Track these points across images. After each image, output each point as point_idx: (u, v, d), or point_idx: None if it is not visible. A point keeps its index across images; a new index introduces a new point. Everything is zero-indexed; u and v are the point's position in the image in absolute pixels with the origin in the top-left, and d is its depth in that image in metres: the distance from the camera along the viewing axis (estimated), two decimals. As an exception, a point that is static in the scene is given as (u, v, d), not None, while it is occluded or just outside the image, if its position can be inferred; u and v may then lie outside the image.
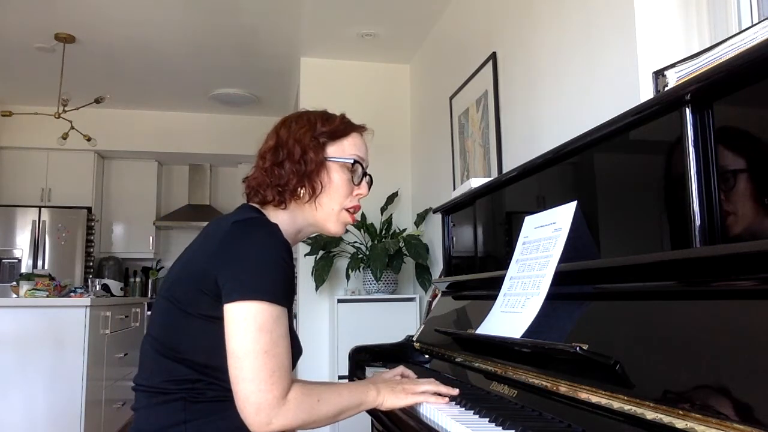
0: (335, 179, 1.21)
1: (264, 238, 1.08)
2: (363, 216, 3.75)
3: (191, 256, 1.14)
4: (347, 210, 1.24)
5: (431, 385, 1.20)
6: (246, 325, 1.01)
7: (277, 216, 1.19)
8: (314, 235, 1.29)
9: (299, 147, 1.19)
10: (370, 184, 1.28)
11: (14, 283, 3.63)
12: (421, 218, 3.67)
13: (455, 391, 1.19)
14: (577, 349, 0.91)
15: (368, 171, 1.27)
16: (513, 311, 1.19)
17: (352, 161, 1.23)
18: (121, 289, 5.09)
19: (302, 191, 1.19)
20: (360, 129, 1.28)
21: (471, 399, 1.15)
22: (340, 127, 1.24)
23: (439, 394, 1.18)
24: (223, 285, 1.04)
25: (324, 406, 1.07)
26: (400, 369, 1.39)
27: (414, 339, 1.76)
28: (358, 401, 1.14)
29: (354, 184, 1.24)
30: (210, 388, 1.07)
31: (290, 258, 1.11)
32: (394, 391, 1.17)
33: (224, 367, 1.03)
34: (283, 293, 1.05)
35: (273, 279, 1.04)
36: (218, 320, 1.04)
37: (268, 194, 1.19)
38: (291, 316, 1.11)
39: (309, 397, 1.06)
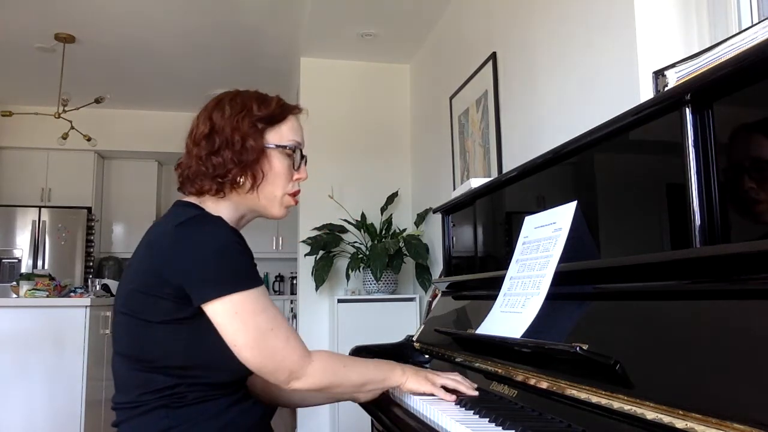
0: (276, 166, 1.17)
1: (213, 231, 1.07)
2: (363, 216, 3.75)
3: (139, 265, 1.10)
4: (289, 194, 1.21)
5: (453, 381, 1.20)
6: (241, 318, 1.03)
7: (218, 206, 1.15)
8: (257, 218, 1.27)
9: (238, 135, 1.13)
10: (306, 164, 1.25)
11: (14, 283, 3.63)
12: (421, 218, 3.67)
13: (474, 392, 1.18)
14: (577, 349, 0.91)
15: (305, 153, 1.24)
16: (513, 311, 1.19)
17: (292, 146, 1.19)
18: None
19: (242, 180, 1.15)
20: (296, 110, 1.24)
21: (471, 399, 1.15)
22: (277, 111, 1.20)
23: (458, 391, 1.19)
24: (193, 288, 1.03)
25: (350, 371, 1.13)
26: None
27: (414, 339, 1.76)
28: (383, 376, 1.18)
29: (294, 169, 1.21)
30: (191, 390, 1.06)
31: (243, 241, 1.11)
32: (417, 375, 1.20)
33: (204, 364, 1.05)
34: (253, 275, 1.07)
35: (240, 266, 1.06)
36: (185, 320, 1.04)
37: (205, 184, 1.14)
38: None
39: (335, 360, 1.13)
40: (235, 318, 1.03)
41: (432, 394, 1.18)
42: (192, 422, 1.05)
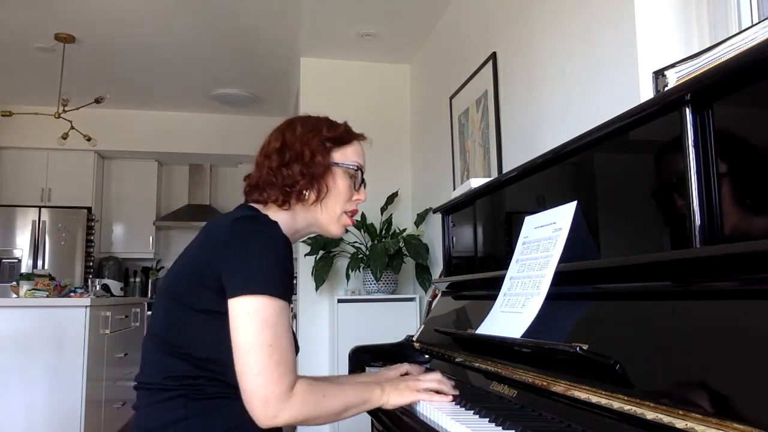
0: (339, 184, 1.25)
1: (266, 234, 1.10)
2: (363, 216, 3.75)
3: (192, 254, 1.16)
4: (347, 213, 1.28)
5: (434, 382, 1.22)
6: (251, 320, 1.03)
7: (277, 216, 1.20)
8: (312, 235, 1.32)
9: (308, 149, 1.22)
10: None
11: (14, 283, 3.63)
12: (421, 218, 3.67)
13: (455, 391, 1.20)
14: (577, 349, 0.91)
15: (365, 177, 1.33)
16: (513, 311, 1.19)
17: (355, 167, 1.28)
18: (121, 289, 5.09)
19: (308, 193, 1.22)
20: (360, 137, 1.33)
21: (471, 399, 1.15)
22: (344, 134, 1.29)
23: (443, 392, 1.20)
24: (227, 281, 1.06)
25: (329, 402, 1.09)
26: (405, 367, 1.40)
27: (414, 339, 1.76)
28: (362, 399, 1.16)
29: (354, 189, 1.28)
30: (211, 384, 1.09)
31: (291, 254, 1.13)
32: (398, 389, 1.19)
33: (227, 361, 1.05)
34: (285, 288, 1.07)
35: (276, 274, 1.07)
36: (220, 314, 1.06)
37: (272, 194, 1.21)
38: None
39: (315, 392, 1.08)
40: (245, 318, 1.03)
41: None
42: (208, 416, 1.07)
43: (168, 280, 1.17)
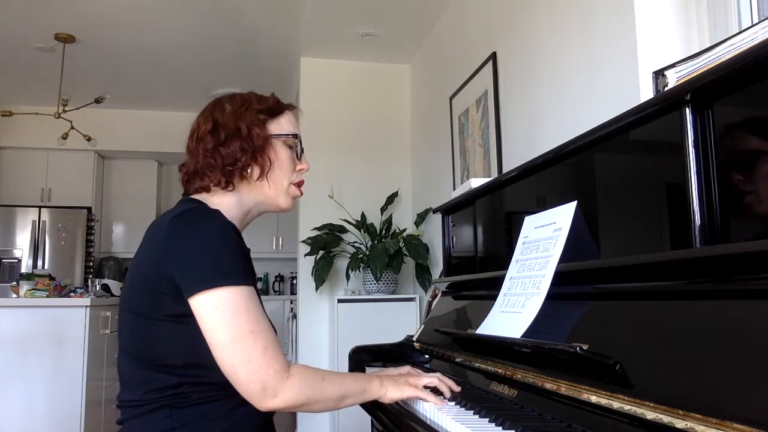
0: (281, 155, 1.21)
1: (208, 224, 1.06)
2: (363, 216, 3.75)
3: (140, 262, 1.11)
4: (294, 185, 1.25)
5: (434, 379, 1.21)
6: (220, 314, 0.99)
7: (222, 200, 1.17)
8: (262, 214, 1.28)
9: (244, 124, 1.17)
10: None
11: (14, 283, 3.63)
12: (421, 218, 3.67)
13: (458, 388, 1.19)
14: (577, 349, 0.91)
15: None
16: (513, 311, 1.19)
17: (293, 135, 1.24)
18: (121, 289, 5.08)
19: (251, 169, 1.18)
20: (291, 107, 1.28)
21: (471, 399, 1.15)
22: (275, 105, 1.24)
23: (442, 391, 1.19)
24: (182, 281, 1.02)
25: (328, 386, 1.07)
26: (407, 369, 1.39)
27: (414, 339, 1.76)
28: (361, 388, 1.14)
29: (296, 159, 1.25)
30: (194, 390, 1.05)
31: (240, 238, 1.10)
32: (398, 383, 1.18)
33: (205, 362, 1.02)
34: (244, 273, 1.04)
35: (230, 261, 1.03)
36: (185, 317, 1.02)
37: (214, 177, 1.16)
38: (258, 296, 1.10)
39: (313, 374, 1.06)
40: (214, 313, 0.99)
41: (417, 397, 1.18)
42: (195, 424, 1.04)
43: (126, 293, 1.13)
